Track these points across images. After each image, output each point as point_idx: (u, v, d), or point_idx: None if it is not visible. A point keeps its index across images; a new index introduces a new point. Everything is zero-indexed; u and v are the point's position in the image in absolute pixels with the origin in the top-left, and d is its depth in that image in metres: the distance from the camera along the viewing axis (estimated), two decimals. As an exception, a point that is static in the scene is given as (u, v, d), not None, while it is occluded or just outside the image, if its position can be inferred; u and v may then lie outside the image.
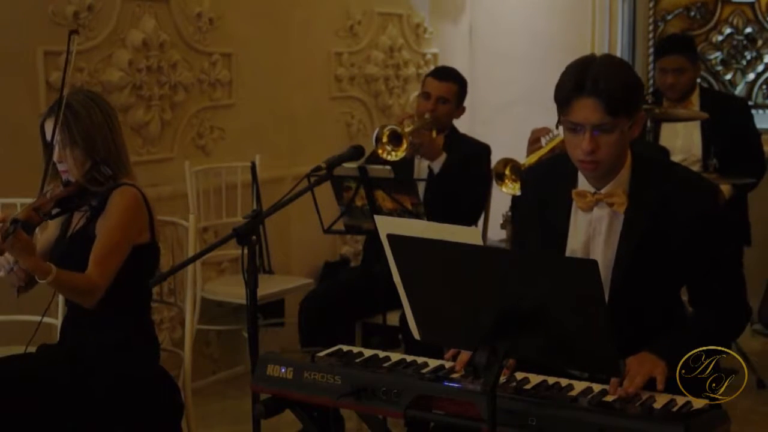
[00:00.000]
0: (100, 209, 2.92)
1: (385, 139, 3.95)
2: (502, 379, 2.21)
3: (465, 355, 2.34)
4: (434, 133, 4.23)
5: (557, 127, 2.45)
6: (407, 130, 4.02)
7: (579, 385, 2.22)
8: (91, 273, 2.81)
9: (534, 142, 3.85)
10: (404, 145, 3.96)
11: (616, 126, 2.34)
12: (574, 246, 2.51)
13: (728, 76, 5.97)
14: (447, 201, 3.98)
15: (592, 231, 2.49)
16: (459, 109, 4.30)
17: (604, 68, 2.35)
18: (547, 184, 2.60)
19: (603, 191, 2.46)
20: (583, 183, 2.50)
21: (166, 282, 3.35)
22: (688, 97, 4.76)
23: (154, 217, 3.00)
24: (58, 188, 2.93)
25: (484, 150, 4.31)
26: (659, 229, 2.41)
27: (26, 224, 2.71)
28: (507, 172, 4.29)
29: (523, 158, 3.96)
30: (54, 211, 2.89)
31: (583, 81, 2.33)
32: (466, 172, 4.13)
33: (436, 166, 4.13)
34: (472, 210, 4.24)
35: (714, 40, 5.97)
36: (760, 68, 5.90)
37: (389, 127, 3.98)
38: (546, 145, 3.79)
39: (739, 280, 2.51)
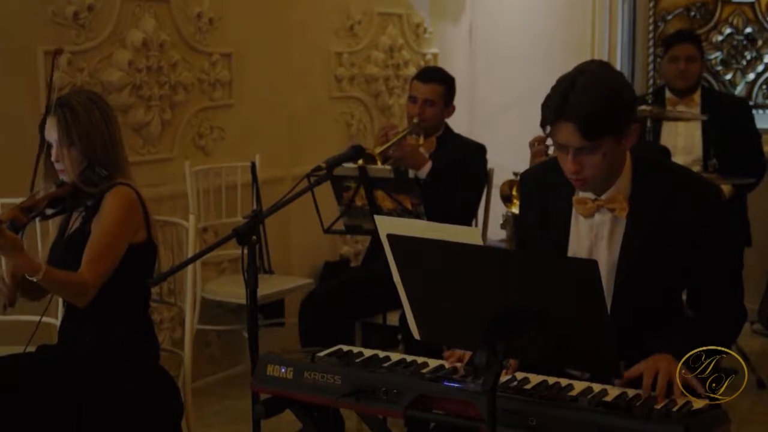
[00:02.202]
0: (96, 209, 2.92)
1: (361, 163, 3.89)
2: (503, 378, 2.21)
3: (466, 356, 2.35)
4: (422, 139, 4.21)
5: (546, 137, 2.44)
6: (378, 150, 3.98)
7: (579, 385, 2.22)
8: (83, 272, 2.81)
9: (537, 154, 3.82)
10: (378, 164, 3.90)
11: (597, 147, 2.31)
12: (576, 251, 2.50)
13: (728, 76, 5.97)
14: (435, 206, 3.83)
15: (594, 236, 2.48)
16: (448, 109, 4.28)
17: (585, 91, 2.29)
18: (546, 188, 2.59)
19: (603, 197, 2.45)
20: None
21: (166, 282, 3.35)
22: (692, 93, 4.77)
23: (150, 215, 3.00)
24: (52, 188, 2.94)
25: (477, 149, 4.27)
26: (661, 232, 2.40)
27: (12, 224, 2.71)
28: (514, 192, 4.28)
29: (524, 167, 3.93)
30: (48, 212, 2.89)
31: (562, 105, 2.30)
32: (457, 173, 4.11)
33: (422, 174, 4.10)
34: (464, 212, 4.17)
35: (714, 40, 5.97)
36: (760, 68, 5.90)
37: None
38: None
39: (738, 283, 2.50)
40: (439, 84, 4.22)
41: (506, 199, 4.35)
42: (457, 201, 4.08)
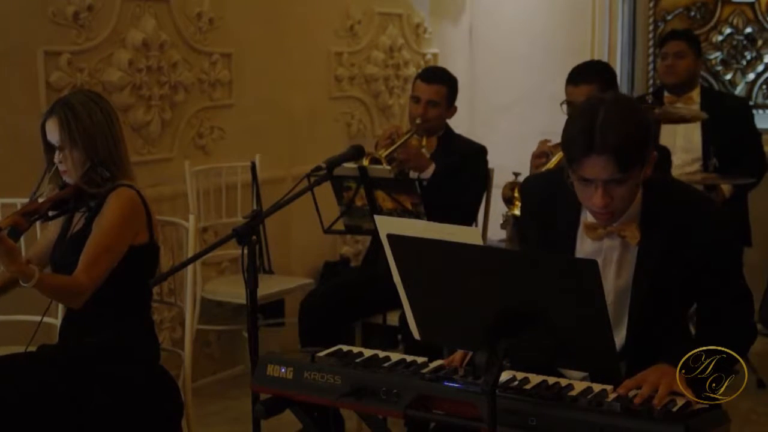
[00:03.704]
0: (99, 210, 2.92)
1: (366, 164, 3.87)
2: (503, 378, 2.20)
3: (459, 354, 2.35)
4: (425, 140, 4.21)
5: (568, 177, 2.38)
6: (384, 154, 3.98)
7: (579, 385, 2.22)
8: (78, 275, 2.80)
9: (539, 156, 3.81)
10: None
11: (628, 178, 2.28)
12: None
13: (728, 76, 5.97)
14: (437, 207, 3.80)
15: (602, 260, 2.42)
16: (450, 110, 4.26)
17: (612, 120, 2.24)
18: (551, 200, 2.54)
19: (615, 225, 2.40)
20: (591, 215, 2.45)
21: (166, 282, 3.35)
22: (689, 91, 4.79)
23: (153, 217, 2.99)
24: (54, 191, 2.93)
25: (479, 151, 4.26)
26: (673, 257, 2.37)
27: (13, 230, 2.70)
28: (516, 194, 4.27)
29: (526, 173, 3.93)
30: (51, 213, 2.89)
31: (592, 138, 2.23)
32: (459, 175, 4.10)
33: (426, 176, 4.07)
34: (466, 213, 4.16)
35: (714, 40, 5.97)
36: (760, 68, 5.90)
37: (368, 156, 3.90)
38: (552, 161, 3.75)
39: (747, 302, 2.48)
40: (442, 85, 4.21)
41: (508, 201, 4.34)
42: (458, 202, 4.08)
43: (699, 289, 2.42)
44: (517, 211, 4.27)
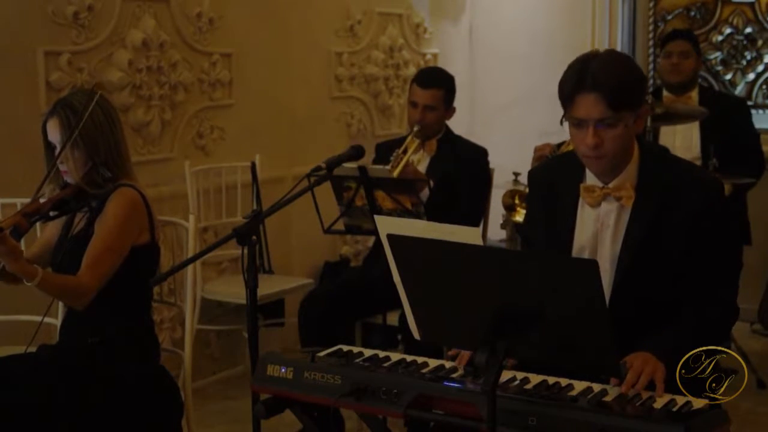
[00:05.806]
0: (100, 210, 2.91)
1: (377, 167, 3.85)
2: (503, 378, 2.21)
3: (466, 354, 2.35)
4: (422, 151, 4.20)
5: (562, 123, 2.45)
6: (395, 172, 3.96)
7: (579, 385, 2.22)
8: (82, 275, 2.80)
9: (539, 159, 3.82)
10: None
11: (619, 120, 2.36)
12: (581, 241, 2.52)
13: (728, 76, 5.97)
14: (441, 214, 3.83)
15: (600, 225, 2.50)
16: (448, 112, 4.25)
17: (606, 63, 2.37)
18: (554, 180, 2.62)
19: (611, 185, 2.48)
20: (590, 178, 2.52)
21: (166, 282, 3.35)
22: (689, 91, 4.79)
23: (154, 217, 2.99)
24: (55, 191, 2.93)
25: (480, 154, 4.26)
26: (665, 223, 2.42)
27: (15, 230, 2.71)
28: (516, 201, 4.28)
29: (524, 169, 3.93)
30: (52, 213, 2.89)
31: (584, 76, 2.35)
32: (460, 180, 4.09)
33: (424, 196, 4.04)
34: (469, 215, 4.14)
35: (714, 40, 5.97)
36: (760, 68, 5.89)
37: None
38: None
39: (733, 280, 2.51)
40: (438, 89, 4.18)
41: (509, 208, 4.34)
42: (461, 207, 4.05)
43: (689, 262, 2.43)
44: (518, 218, 4.27)
